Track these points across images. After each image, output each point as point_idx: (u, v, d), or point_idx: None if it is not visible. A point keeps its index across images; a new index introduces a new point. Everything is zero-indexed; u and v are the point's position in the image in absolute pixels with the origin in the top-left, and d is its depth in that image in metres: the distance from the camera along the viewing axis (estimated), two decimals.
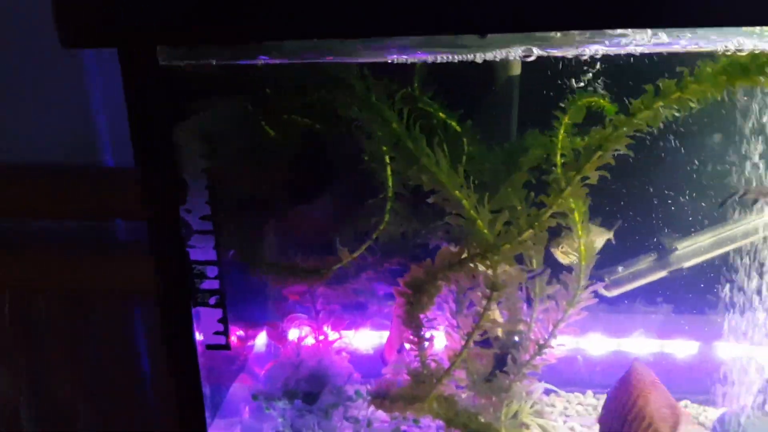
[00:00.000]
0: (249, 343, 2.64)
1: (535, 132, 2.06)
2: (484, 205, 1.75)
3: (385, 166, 1.83)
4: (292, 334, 2.55)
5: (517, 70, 2.41)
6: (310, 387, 2.11)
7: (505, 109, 2.38)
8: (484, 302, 1.83)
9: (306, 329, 2.59)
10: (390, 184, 1.85)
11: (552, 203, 1.72)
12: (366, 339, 2.75)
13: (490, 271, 1.83)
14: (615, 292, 2.70)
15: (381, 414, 2.65)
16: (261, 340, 2.70)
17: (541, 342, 2.15)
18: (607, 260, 2.74)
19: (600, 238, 2.46)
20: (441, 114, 1.89)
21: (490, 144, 2.17)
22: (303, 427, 2.05)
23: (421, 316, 1.89)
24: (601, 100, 1.91)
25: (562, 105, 1.90)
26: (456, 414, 2.11)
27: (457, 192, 1.69)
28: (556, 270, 2.32)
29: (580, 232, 2.07)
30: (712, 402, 2.60)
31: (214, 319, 1.75)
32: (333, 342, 2.58)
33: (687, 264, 2.64)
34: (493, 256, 1.74)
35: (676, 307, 2.84)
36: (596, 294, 2.78)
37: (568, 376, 3.02)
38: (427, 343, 1.93)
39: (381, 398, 1.98)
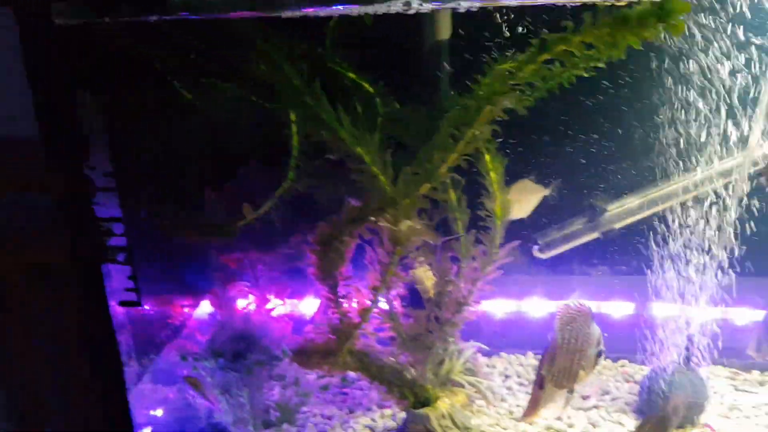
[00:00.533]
0: (190, 309, 2.69)
1: (455, 95, 2.08)
2: (386, 161, 1.78)
3: (289, 124, 1.86)
4: (235, 301, 2.60)
5: (446, 33, 2.44)
6: (237, 347, 2.16)
7: (433, 71, 2.41)
8: (388, 257, 1.87)
9: (249, 297, 2.64)
10: (295, 142, 1.88)
11: (445, 158, 1.75)
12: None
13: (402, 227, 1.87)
14: (549, 254, 2.75)
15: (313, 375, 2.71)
16: (206, 307, 2.75)
17: (461, 300, 2.20)
18: (540, 223, 2.80)
19: (536, 195, 2.49)
20: (351, 74, 1.92)
21: (417, 105, 2.20)
22: (228, 384, 2.11)
23: (337, 273, 1.94)
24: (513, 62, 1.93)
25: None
26: (377, 369, 2.16)
27: (358, 148, 1.73)
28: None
29: (496, 192, 2.11)
30: (649, 361, 2.65)
31: (125, 277, 1.79)
32: (271, 307, 2.63)
33: (618, 225, 2.69)
34: (394, 211, 1.78)
35: (612, 269, 2.89)
36: (532, 257, 2.84)
37: (511, 339, 3.08)
38: (343, 300, 1.97)
39: (299, 354, 2.03)
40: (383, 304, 2.11)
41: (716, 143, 2.43)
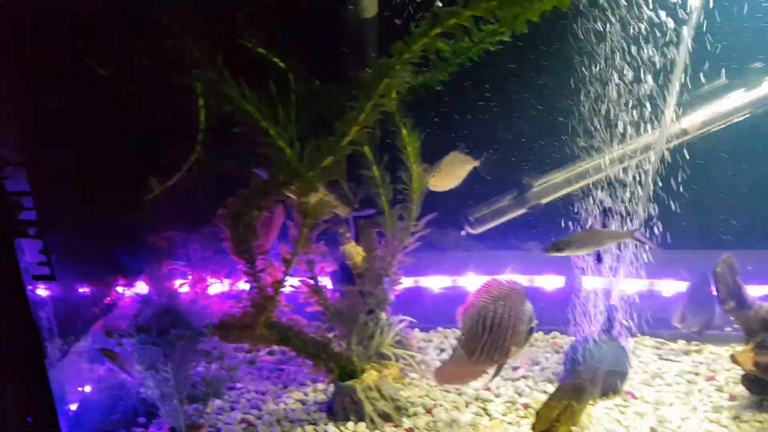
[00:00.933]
0: (126, 289, 2.71)
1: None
2: (294, 136, 1.82)
3: (196, 99, 1.89)
4: (168, 280, 2.62)
5: (372, 11, 2.48)
6: (162, 323, 2.19)
7: (357, 50, 2.45)
8: (298, 230, 1.91)
9: (185, 277, 2.67)
10: (201, 117, 1.91)
11: (347, 131, 1.79)
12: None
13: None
14: (479, 230, 2.81)
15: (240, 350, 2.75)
16: (141, 287, 2.77)
17: (382, 273, 2.25)
18: (471, 199, 2.86)
19: (466, 166, 2.54)
20: (260, 50, 1.94)
21: (339, 83, 2.23)
22: (153, 359, 2.14)
23: (252, 247, 1.97)
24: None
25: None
26: (300, 342, 2.21)
27: (264, 122, 1.76)
28: None
29: (413, 167, 2.16)
30: (575, 332, 2.72)
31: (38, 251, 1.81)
32: (205, 286, 2.66)
33: (544, 200, 2.76)
34: (301, 184, 1.82)
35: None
36: (467, 233, 2.90)
37: (447, 314, 3.15)
38: (261, 274, 2.01)
39: (220, 328, 2.07)
40: (311, 280, 2.15)
41: (635, 121, 2.50)
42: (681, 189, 2.61)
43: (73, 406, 2.30)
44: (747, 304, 2.35)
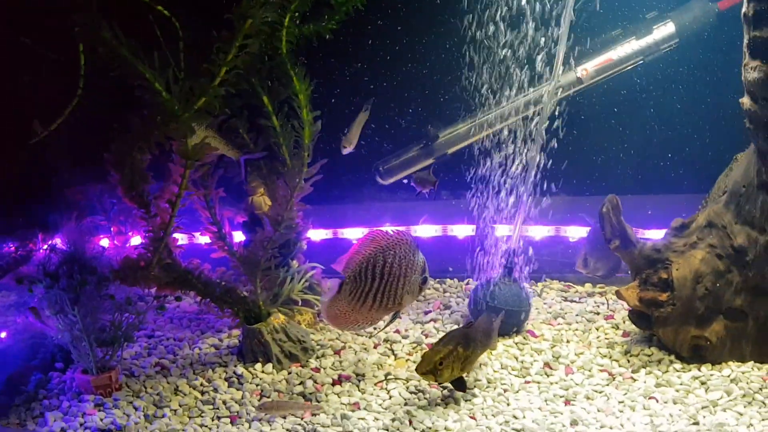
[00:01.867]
0: (44, 243, 2.78)
1: None
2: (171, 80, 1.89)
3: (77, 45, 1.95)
4: (84, 232, 2.70)
5: None
6: (68, 269, 2.28)
7: None
8: (180, 172, 2.00)
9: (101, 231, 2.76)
10: (82, 62, 1.97)
11: (216, 72, 1.88)
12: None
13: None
14: (389, 180, 2.92)
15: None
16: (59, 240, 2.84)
17: (279, 219, 2.35)
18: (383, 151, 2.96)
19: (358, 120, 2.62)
20: None
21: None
22: (61, 304, 2.23)
23: (143, 190, 2.06)
24: None
25: None
26: (203, 286, 2.31)
27: (139, 66, 1.84)
28: None
29: (305, 114, 2.25)
30: (478, 276, 2.83)
31: None
32: (122, 239, 2.75)
33: (450, 150, 2.86)
34: (178, 126, 1.90)
35: (453, 194, 3.07)
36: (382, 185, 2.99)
37: None
38: (154, 217, 2.09)
39: (119, 272, 2.17)
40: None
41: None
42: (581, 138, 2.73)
43: None
44: (632, 243, 2.47)
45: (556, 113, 2.61)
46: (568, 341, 2.65)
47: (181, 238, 2.75)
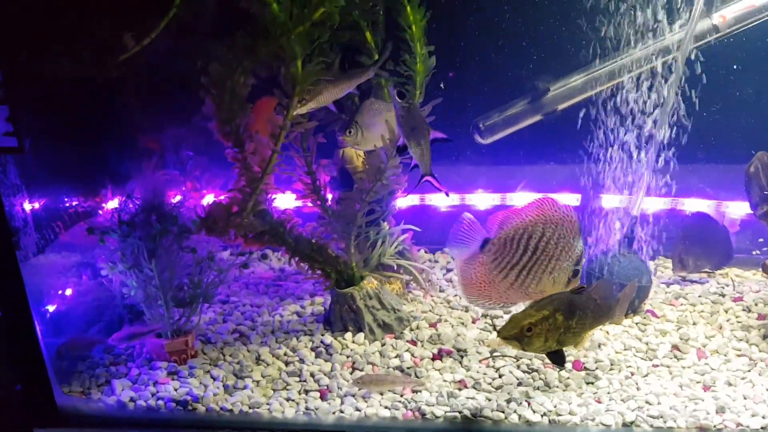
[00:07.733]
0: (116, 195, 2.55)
1: None
2: None
3: None
4: (159, 183, 2.46)
5: None
6: (146, 218, 2.04)
7: None
8: (288, 100, 1.73)
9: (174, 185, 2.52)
10: None
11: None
12: None
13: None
14: (490, 139, 2.62)
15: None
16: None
17: (382, 167, 2.07)
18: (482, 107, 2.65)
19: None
20: None
21: None
22: (135, 258, 1.99)
23: (239, 124, 1.79)
24: None
25: None
26: (294, 241, 2.05)
27: None
28: None
29: (418, 48, 1.97)
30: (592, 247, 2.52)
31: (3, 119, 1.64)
32: (196, 195, 2.51)
33: (561, 106, 2.55)
34: (286, 43, 1.62)
35: (557, 160, 2.75)
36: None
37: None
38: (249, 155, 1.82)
39: (206, 220, 1.91)
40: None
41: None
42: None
43: (51, 307, 2.15)
44: None
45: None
46: (694, 323, 2.34)
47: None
